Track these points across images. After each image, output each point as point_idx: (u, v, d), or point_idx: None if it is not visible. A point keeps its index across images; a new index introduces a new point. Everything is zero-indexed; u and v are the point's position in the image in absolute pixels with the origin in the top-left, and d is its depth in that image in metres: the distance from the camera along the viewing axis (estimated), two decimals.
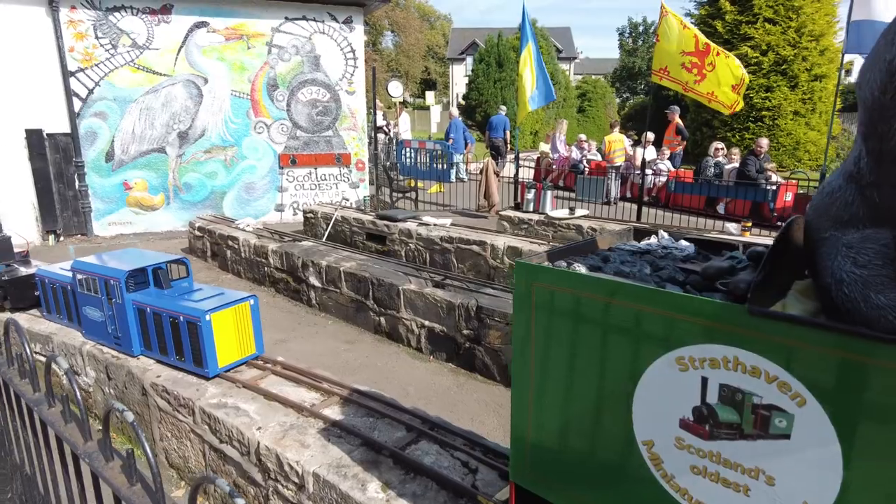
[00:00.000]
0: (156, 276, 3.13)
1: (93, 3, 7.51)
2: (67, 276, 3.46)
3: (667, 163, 11.47)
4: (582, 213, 7.40)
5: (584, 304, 1.31)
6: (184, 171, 8.36)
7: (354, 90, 9.17)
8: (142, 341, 3.08)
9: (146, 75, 7.93)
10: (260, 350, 3.04)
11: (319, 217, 7.88)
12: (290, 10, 8.51)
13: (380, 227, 7.04)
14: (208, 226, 6.76)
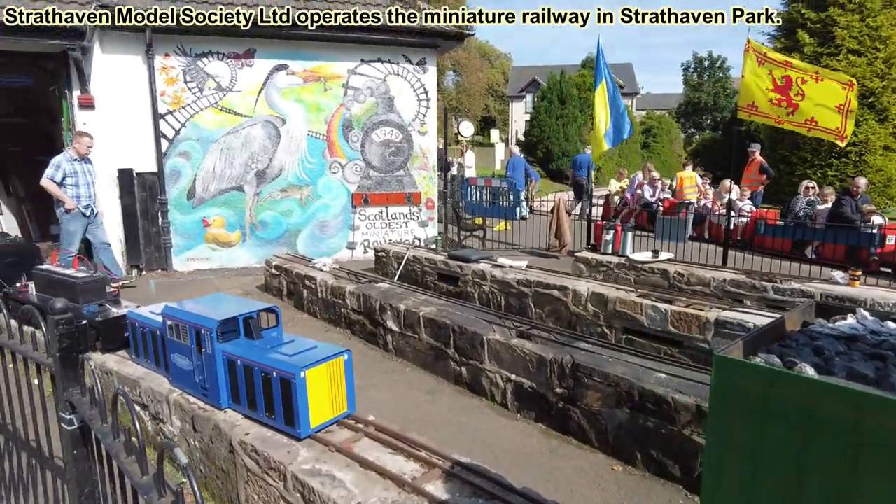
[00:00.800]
0: (247, 326, 3.02)
1: (184, 50, 7.85)
2: (157, 321, 3.41)
3: (748, 202, 10.86)
4: (666, 256, 6.99)
5: (817, 417, 1.03)
6: (260, 209, 8.50)
7: (426, 130, 9.17)
8: (230, 394, 2.96)
9: (228, 116, 8.18)
10: (352, 408, 2.85)
11: (391, 256, 7.80)
12: (366, 53, 8.65)
13: (452, 268, 6.86)
14: (285, 264, 6.78)
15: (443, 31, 8.61)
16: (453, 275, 6.82)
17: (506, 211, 10.78)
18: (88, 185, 6.81)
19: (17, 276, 5.12)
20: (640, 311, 5.14)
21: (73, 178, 6.67)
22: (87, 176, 6.82)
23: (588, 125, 25.88)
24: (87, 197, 6.77)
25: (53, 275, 4.46)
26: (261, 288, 7.29)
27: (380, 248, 8.03)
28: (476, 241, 10.45)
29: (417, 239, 9.19)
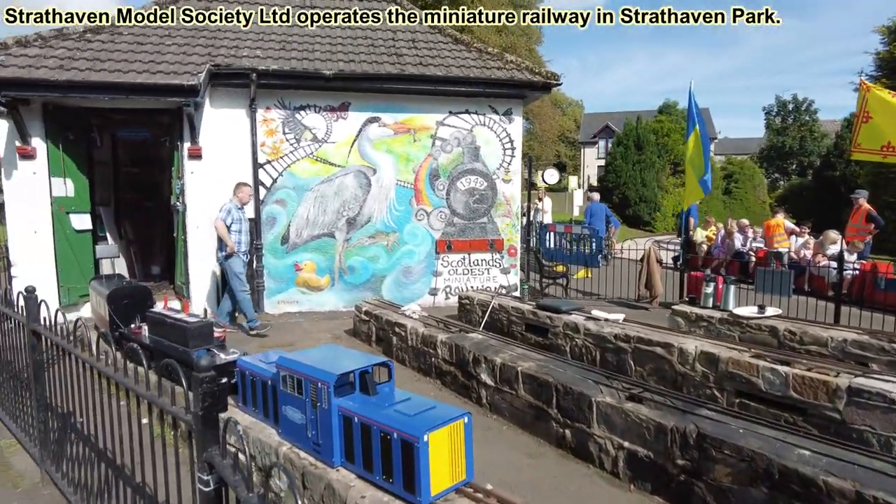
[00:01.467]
0: (362, 381, 2.95)
1: (284, 104, 8.26)
2: (268, 371, 3.41)
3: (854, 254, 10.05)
4: (773, 312, 6.47)
5: None
6: (349, 255, 8.66)
7: (511, 178, 9.14)
8: (344, 452, 2.87)
9: (322, 166, 8.47)
10: (470, 476, 2.68)
11: (475, 304, 7.66)
12: (454, 105, 8.80)
13: (541, 319, 6.63)
14: (375, 310, 6.78)
15: (530, 83, 8.65)
16: (542, 326, 6.59)
17: (587, 258, 10.49)
18: (247, 231, 7.35)
19: (132, 317, 5.36)
20: (755, 374, 4.72)
21: (238, 225, 7.19)
22: (246, 223, 7.36)
23: (666, 171, 25.24)
24: (246, 243, 7.30)
25: (166, 318, 4.62)
26: (349, 333, 7.32)
27: (464, 295, 7.92)
28: (558, 290, 10.18)
29: (503, 288, 9.04)
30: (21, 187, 7.50)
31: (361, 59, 8.38)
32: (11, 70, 7.00)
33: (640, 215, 23.90)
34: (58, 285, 7.66)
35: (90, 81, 7.08)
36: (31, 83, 6.94)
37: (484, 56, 9.04)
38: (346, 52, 8.49)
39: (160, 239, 10.16)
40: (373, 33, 9.14)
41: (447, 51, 9.03)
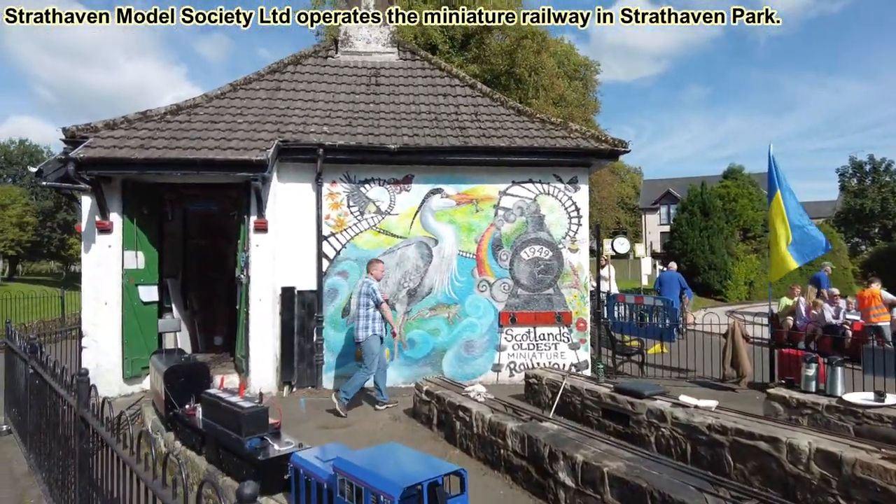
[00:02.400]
0: (431, 494, 2.50)
1: (349, 178, 8.28)
2: (325, 471, 3.01)
3: None
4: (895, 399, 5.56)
5: None
6: (409, 328, 8.32)
7: (577, 248, 8.69)
8: None
9: (385, 237, 8.33)
10: None
11: (544, 384, 7.07)
12: (517, 175, 8.57)
13: (620, 404, 5.96)
14: (436, 390, 6.32)
15: (597, 151, 8.35)
16: (622, 412, 5.91)
17: (661, 332, 9.73)
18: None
19: (188, 397, 5.13)
20: (894, 482, 3.90)
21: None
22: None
23: (735, 237, 24.04)
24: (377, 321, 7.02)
25: (220, 401, 4.34)
26: (409, 413, 6.86)
27: (531, 373, 7.36)
28: (632, 367, 9.42)
29: (573, 366, 8.40)
30: (97, 259, 7.69)
31: (425, 133, 8.36)
32: (98, 151, 7.34)
33: (709, 283, 22.61)
34: (122, 357, 7.67)
35: (165, 159, 7.31)
36: (113, 162, 7.24)
37: (547, 126, 8.86)
38: (410, 127, 8.51)
39: (224, 310, 10.19)
40: (436, 108, 9.17)
41: (510, 122, 8.91)
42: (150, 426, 5.74)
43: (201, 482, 2.20)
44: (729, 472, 4.79)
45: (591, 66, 28.77)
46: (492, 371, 8.46)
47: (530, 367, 8.36)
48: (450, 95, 9.57)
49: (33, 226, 39.45)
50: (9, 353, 6.39)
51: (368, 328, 6.89)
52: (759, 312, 9.96)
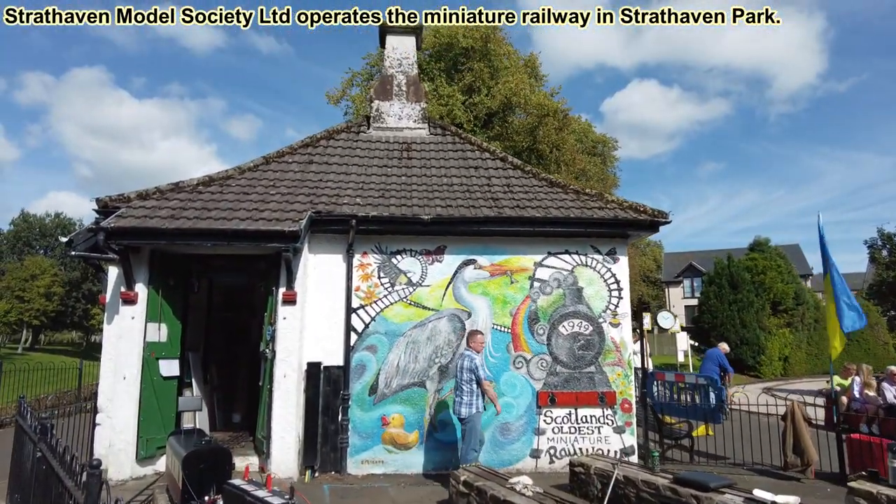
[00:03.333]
0: None
1: (380, 249, 8.01)
2: None
3: None
4: None
5: None
6: (440, 408, 7.75)
7: (619, 322, 8.18)
8: None
9: (416, 310, 7.94)
10: None
11: (592, 474, 6.38)
12: (553, 246, 8.25)
13: (683, 498, 5.27)
14: (476, 482, 5.68)
15: (636, 221, 8.03)
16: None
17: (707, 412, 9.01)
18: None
19: (208, 485, 4.61)
20: None
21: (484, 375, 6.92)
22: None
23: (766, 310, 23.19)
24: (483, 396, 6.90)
25: (245, 496, 3.82)
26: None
27: (577, 461, 6.66)
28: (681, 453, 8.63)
29: (621, 453, 7.68)
30: (118, 331, 7.37)
31: (458, 204, 8.15)
32: (129, 220, 7.19)
33: (743, 359, 21.62)
34: (137, 436, 7.16)
35: (196, 229, 7.12)
36: (144, 232, 7.07)
37: (582, 197, 8.62)
38: (442, 198, 8.32)
39: (244, 386, 9.72)
40: (468, 180, 9.03)
41: (543, 193, 8.70)
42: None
43: None
44: None
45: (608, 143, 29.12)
46: (530, 457, 7.78)
47: (572, 452, 7.71)
48: (481, 168, 9.45)
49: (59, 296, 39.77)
50: (18, 431, 5.95)
51: (472, 405, 6.75)
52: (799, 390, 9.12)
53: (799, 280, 26.13)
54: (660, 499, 5.53)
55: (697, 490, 5.21)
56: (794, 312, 23.93)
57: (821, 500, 5.99)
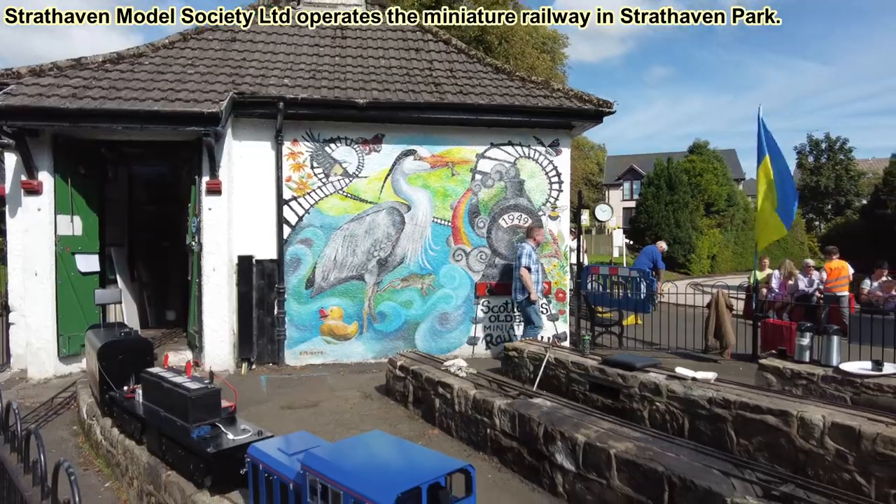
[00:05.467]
0: (433, 499, 1.92)
1: (313, 136, 7.51)
2: (292, 468, 2.40)
3: None
4: (894, 369, 5.29)
5: None
6: (379, 300, 7.74)
7: (558, 215, 8.21)
8: None
9: (353, 203, 7.66)
10: None
11: (525, 357, 6.59)
12: (496, 136, 7.98)
13: (610, 377, 5.53)
14: (412, 366, 5.76)
15: (581, 111, 7.80)
16: (612, 386, 5.48)
17: (637, 303, 9.43)
18: (543, 272, 7.86)
19: (128, 377, 4.42)
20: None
21: (536, 266, 7.46)
22: (541, 264, 7.77)
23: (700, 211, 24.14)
24: (541, 282, 7.68)
25: (163, 382, 3.65)
26: (381, 390, 6.30)
27: (512, 346, 6.87)
28: (610, 339, 9.08)
29: (555, 339, 7.96)
30: (24, 225, 6.78)
31: (397, 88, 7.64)
32: (20, 99, 6.38)
33: (674, 257, 22.71)
34: (57, 333, 6.81)
35: (103, 109, 6.40)
36: (39, 112, 6.32)
37: (528, 85, 8.25)
38: (380, 82, 7.77)
39: (177, 283, 9.36)
40: (408, 63, 8.44)
41: (488, 80, 8.27)
42: (84, 411, 5.00)
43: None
44: (732, 448, 4.41)
45: (559, 40, 28.17)
46: (467, 344, 8.00)
47: (508, 339, 7.92)
48: (422, 51, 8.84)
49: None
50: None
51: (524, 290, 7.37)
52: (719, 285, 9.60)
53: (732, 183, 27.15)
54: (588, 378, 5.78)
55: (624, 370, 5.44)
56: (725, 213, 25.05)
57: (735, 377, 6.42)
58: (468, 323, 8.01)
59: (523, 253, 7.33)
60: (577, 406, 4.60)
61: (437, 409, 5.28)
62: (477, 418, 4.76)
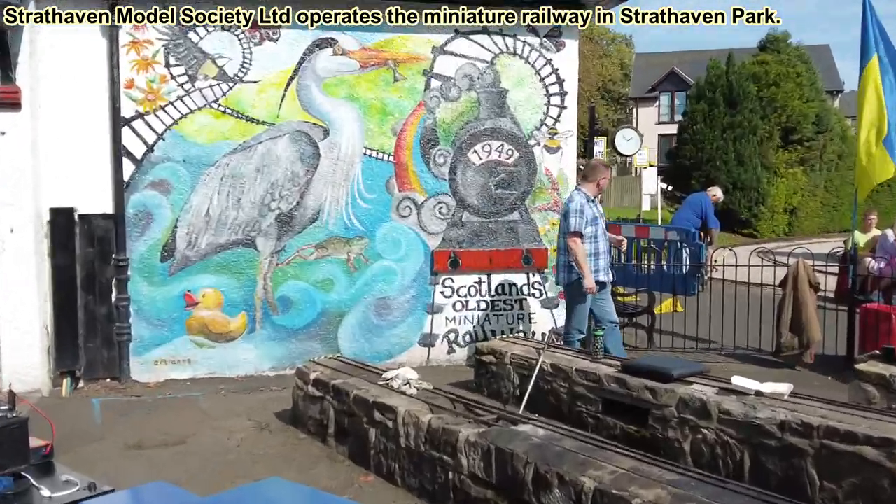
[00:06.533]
0: None
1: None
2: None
3: None
4: None
5: None
6: (281, 278, 7.83)
7: (559, 145, 8.43)
8: None
9: (236, 124, 7.65)
10: None
11: (507, 362, 6.79)
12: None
13: (634, 392, 5.74)
14: (334, 379, 5.85)
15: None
16: (636, 405, 5.70)
17: (676, 280, 9.76)
18: (604, 237, 7.45)
19: None
20: None
21: (593, 229, 7.24)
22: (603, 223, 7.53)
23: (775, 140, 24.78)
24: (605, 253, 7.42)
25: None
26: (285, 418, 6.42)
27: (486, 346, 7.08)
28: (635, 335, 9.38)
29: (556, 334, 8.19)
30: None
31: None
32: None
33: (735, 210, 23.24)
34: None
35: None
36: None
37: None
38: None
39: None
40: None
41: None
42: None
43: None
44: (813, 495, 4.69)
45: None
46: (420, 346, 8.23)
47: (482, 337, 8.12)
48: None
49: None
50: None
51: (573, 269, 7.21)
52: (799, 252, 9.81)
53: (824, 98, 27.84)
54: (602, 394, 5.99)
55: (655, 380, 5.63)
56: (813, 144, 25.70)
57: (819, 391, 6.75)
58: (420, 313, 8.20)
59: (571, 209, 7.21)
60: (585, 435, 4.78)
61: (373, 445, 5.42)
62: (433, 457, 4.90)
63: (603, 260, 7.33)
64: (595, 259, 7.22)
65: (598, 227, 7.26)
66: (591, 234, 7.18)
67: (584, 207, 7.13)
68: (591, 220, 7.17)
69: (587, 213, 7.13)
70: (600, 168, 7.62)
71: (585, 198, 7.23)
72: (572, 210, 7.15)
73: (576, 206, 7.14)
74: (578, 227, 7.06)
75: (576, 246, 7.09)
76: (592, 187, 7.38)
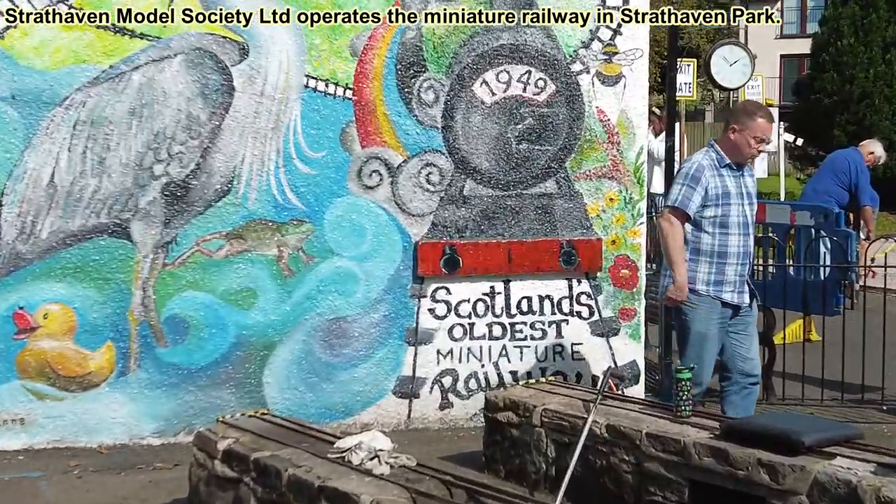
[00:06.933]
0: None
1: None
2: None
3: None
4: None
5: None
6: (171, 288, 7.91)
7: (619, 72, 8.54)
8: None
9: (96, 36, 7.74)
10: None
11: (538, 423, 6.84)
12: None
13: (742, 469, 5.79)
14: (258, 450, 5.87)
15: None
16: (745, 489, 5.76)
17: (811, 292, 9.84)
18: (748, 224, 7.17)
19: None
20: None
21: (719, 211, 6.97)
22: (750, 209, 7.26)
23: None
24: (739, 257, 7.06)
25: None
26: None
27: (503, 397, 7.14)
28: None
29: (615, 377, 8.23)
30: None
31: None
32: None
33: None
34: None
35: None
36: None
37: None
38: None
39: None
40: None
41: None
42: None
43: None
44: None
45: None
46: (395, 396, 8.32)
47: (496, 384, 8.24)
48: None
49: None
50: None
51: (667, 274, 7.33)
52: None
53: None
54: (689, 473, 6.02)
55: (775, 451, 5.67)
56: None
57: None
58: (397, 344, 8.30)
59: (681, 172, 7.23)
60: None
61: None
62: None
63: (733, 268, 7.02)
64: (719, 264, 6.98)
65: (731, 212, 6.96)
66: (715, 219, 6.94)
67: (701, 174, 6.88)
68: (716, 197, 6.90)
69: (707, 184, 6.87)
70: (751, 112, 7.07)
71: (715, 160, 6.99)
72: (681, 174, 7.09)
73: (688, 168, 7.04)
74: (682, 201, 6.86)
75: (669, 227, 6.94)
76: (732, 145, 6.98)
